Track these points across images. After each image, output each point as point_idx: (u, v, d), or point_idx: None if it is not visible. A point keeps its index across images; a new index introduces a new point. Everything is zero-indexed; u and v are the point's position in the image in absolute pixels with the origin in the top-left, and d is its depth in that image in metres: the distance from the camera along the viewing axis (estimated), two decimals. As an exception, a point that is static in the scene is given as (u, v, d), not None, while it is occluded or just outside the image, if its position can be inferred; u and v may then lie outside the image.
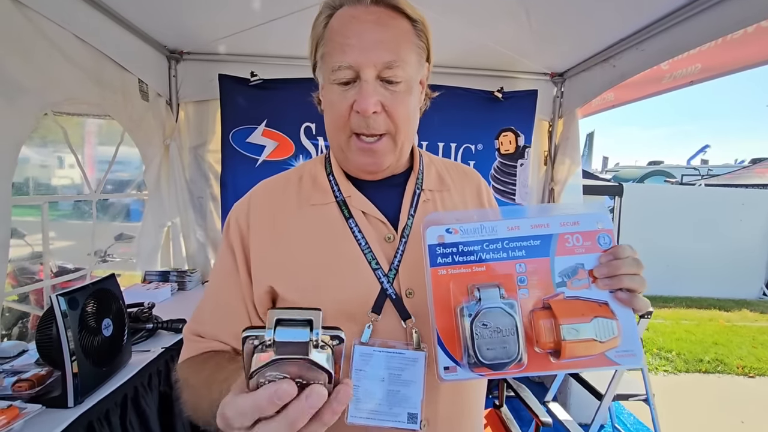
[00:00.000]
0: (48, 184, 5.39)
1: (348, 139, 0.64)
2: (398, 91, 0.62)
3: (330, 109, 0.65)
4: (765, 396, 3.42)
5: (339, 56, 0.60)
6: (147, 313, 1.70)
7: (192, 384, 0.63)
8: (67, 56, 1.72)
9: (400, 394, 0.61)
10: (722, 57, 1.74)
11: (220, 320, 0.69)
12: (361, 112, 0.60)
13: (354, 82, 0.61)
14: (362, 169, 0.68)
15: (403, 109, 0.64)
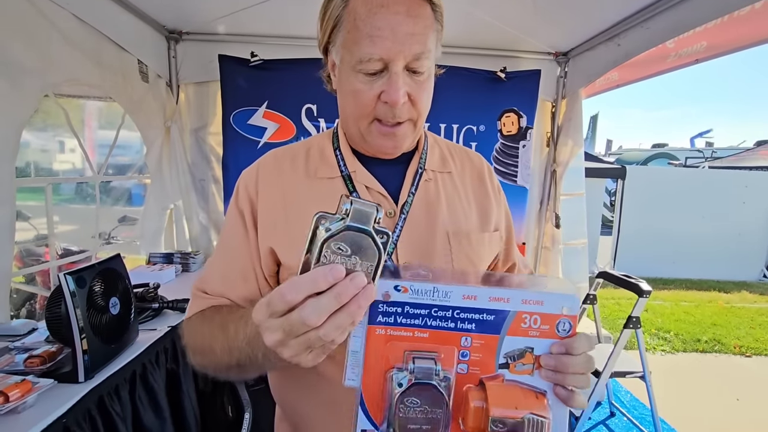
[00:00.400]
0: (49, 168, 5.41)
1: (369, 125, 0.65)
2: (422, 80, 0.64)
3: (352, 97, 0.64)
4: (761, 375, 3.48)
5: (369, 47, 0.59)
6: (153, 293, 1.73)
7: (203, 331, 0.65)
8: (66, 37, 1.71)
9: None
10: (728, 34, 1.71)
11: (229, 281, 0.70)
12: (391, 103, 0.61)
13: (381, 72, 0.61)
14: (381, 152, 0.69)
15: (426, 97, 0.66)
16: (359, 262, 0.42)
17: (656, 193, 7.08)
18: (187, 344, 0.68)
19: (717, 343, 4.02)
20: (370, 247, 0.42)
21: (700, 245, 6.93)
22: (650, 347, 3.89)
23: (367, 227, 0.41)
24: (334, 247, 0.41)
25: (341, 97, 0.69)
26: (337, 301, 0.39)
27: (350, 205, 0.41)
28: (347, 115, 0.68)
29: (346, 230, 0.41)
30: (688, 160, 13.45)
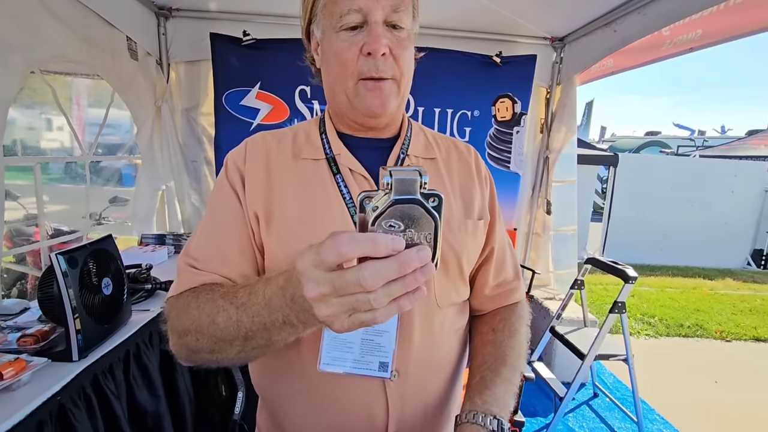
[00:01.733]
0: (37, 147, 5.29)
1: (355, 86, 0.65)
2: (402, 38, 0.65)
3: (336, 58, 0.65)
4: (739, 359, 3.60)
5: (346, 2, 0.62)
6: (145, 275, 1.73)
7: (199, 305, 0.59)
8: (53, 12, 1.66)
9: (374, 342, 0.64)
10: (724, 22, 1.71)
11: (225, 256, 0.66)
12: (373, 53, 0.62)
13: (361, 27, 0.63)
14: (368, 113, 0.67)
15: (407, 55, 0.67)
16: (416, 234, 0.39)
17: (647, 181, 7.16)
18: (173, 326, 0.62)
19: (699, 328, 4.14)
20: (423, 216, 0.39)
21: (687, 233, 7.06)
22: (635, 331, 3.99)
23: (414, 196, 0.38)
24: (385, 226, 0.38)
25: (326, 67, 0.70)
26: (399, 270, 0.36)
27: (390, 177, 0.38)
28: (334, 81, 0.68)
29: (393, 205, 0.38)
30: (680, 149, 13.56)
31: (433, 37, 2.63)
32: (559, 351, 2.72)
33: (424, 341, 0.68)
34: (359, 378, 0.64)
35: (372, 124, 0.71)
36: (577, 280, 2.52)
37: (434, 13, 2.41)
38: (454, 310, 0.74)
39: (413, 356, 0.67)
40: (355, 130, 0.73)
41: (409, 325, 0.66)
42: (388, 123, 0.73)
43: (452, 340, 0.74)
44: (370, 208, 0.38)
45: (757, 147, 8.95)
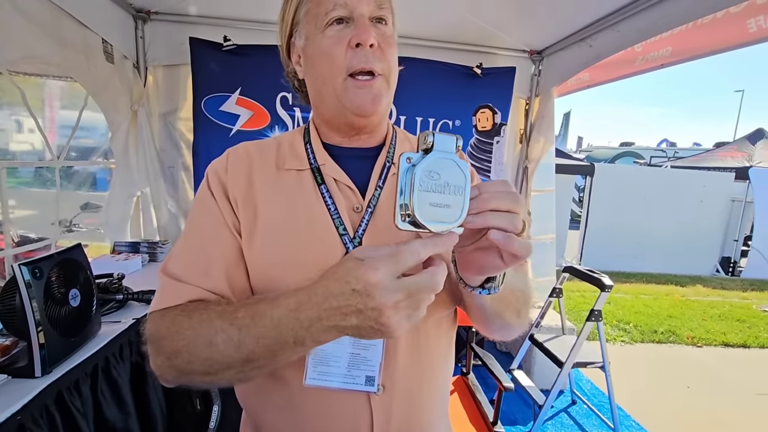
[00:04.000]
0: (5, 150, 5.07)
1: (344, 82, 0.65)
2: (388, 34, 0.67)
3: (323, 55, 0.65)
4: (709, 364, 3.71)
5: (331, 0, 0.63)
6: (117, 284, 1.67)
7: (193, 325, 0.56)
8: (21, 10, 1.60)
9: (360, 356, 0.63)
10: (692, 41, 1.78)
11: (213, 270, 0.63)
12: (363, 43, 0.62)
13: (347, 22, 0.64)
14: (359, 112, 0.66)
15: (393, 52, 0.67)
16: (450, 185, 0.44)
17: (622, 190, 7.38)
18: (160, 346, 0.57)
19: (672, 334, 4.26)
20: (457, 171, 0.45)
21: (660, 241, 7.30)
22: (611, 338, 4.07)
23: (452, 154, 0.45)
24: (426, 173, 0.44)
25: (312, 71, 0.69)
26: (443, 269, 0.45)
27: (433, 136, 0.45)
28: (321, 82, 0.67)
29: (434, 158, 0.44)
30: (653, 159, 14.04)
31: (416, 47, 2.65)
32: (539, 359, 2.74)
33: (411, 354, 0.67)
34: (345, 392, 0.63)
35: (362, 124, 0.70)
36: (555, 288, 2.56)
37: (417, 24, 2.44)
38: (441, 321, 0.73)
39: (399, 369, 0.66)
40: (342, 137, 0.72)
41: (394, 338, 0.65)
42: (377, 124, 0.73)
43: (439, 351, 0.73)
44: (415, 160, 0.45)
45: (724, 159, 9.33)
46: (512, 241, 0.45)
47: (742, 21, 1.51)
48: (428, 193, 0.44)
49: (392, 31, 0.68)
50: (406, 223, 0.45)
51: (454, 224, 0.45)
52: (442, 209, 0.44)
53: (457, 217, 0.44)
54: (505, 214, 0.46)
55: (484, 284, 0.54)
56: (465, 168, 0.45)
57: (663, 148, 17.38)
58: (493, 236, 0.45)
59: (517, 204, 0.46)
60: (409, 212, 0.44)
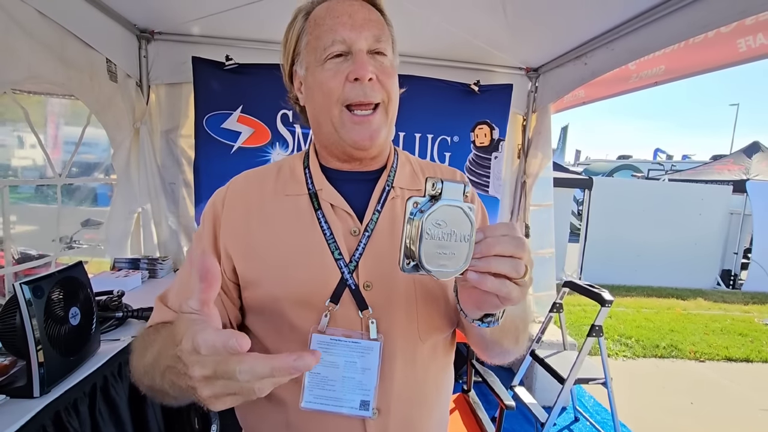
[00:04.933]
0: (7, 165, 5.09)
1: (340, 114, 0.66)
2: (386, 65, 0.67)
3: (321, 87, 0.66)
4: (713, 379, 3.67)
5: (330, 34, 0.65)
6: (116, 302, 1.67)
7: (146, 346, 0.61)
8: (27, 32, 1.63)
9: (355, 381, 0.63)
10: (685, 60, 1.82)
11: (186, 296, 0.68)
12: (361, 78, 0.63)
13: (346, 56, 0.65)
14: (356, 146, 0.67)
15: (393, 82, 0.68)
16: (456, 234, 0.45)
17: (621, 203, 7.40)
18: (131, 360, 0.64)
19: (674, 349, 4.22)
20: (463, 219, 0.45)
21: (660, 254, 7.28)
22: (612, 353, 4.04)
23: (460, 201, 0.46)
24: (433, 223, 0.45)
25: (311, 100, 0.70)
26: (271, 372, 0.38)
27: (442, 184, 0.45)
28: (320, 112, 0.69)
29: (442, 207, 0.45)
30: (650, 172, 14.12)
31: (414, 65, 2.70)
32: (540, 375, 2.72)
33: (407, 377, 0.67)
34: (340, 416, 0.64)
35: (361, 156, 0.71)
36: (556, 303, 2.55)
37: (415, 43, 2.49)
38: (438, 344, 0.72)
39: (395, 393, 0.66)
40: (343, 161, 0.73)
41: (390, 361, 0.65)
42: (377, 154, 0.73)
43: (436, 375, 0.72)
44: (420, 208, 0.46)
45: (721, 172, 9.39)
46: (506, 288, 0.46)
47: (732, 41, 1.55)
48: (434, 241, 0.45)
49: (391, 61, 0.69)
50: (411, 267, 0.47)
51: (457, 272, 0.46)
52: (447, 256, 0.45)
53: (461, 264, 0.45)
54: (508, 260, 0.46)
55: (484, 318, 0.54)
56: (472, 216, 0.45)
57: (661, 161, 17.49)
58: (490, 284, 0.46)
59: (520, 249, 0.46)
60: (414, 257, 0.46)
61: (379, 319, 0.65)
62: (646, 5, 1.81)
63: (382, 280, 0.67)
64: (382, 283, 0.67)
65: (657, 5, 1.78)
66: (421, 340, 0.68)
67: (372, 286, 0.67)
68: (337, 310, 0.65)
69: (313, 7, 0.70)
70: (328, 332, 0.64)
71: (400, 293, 0.67)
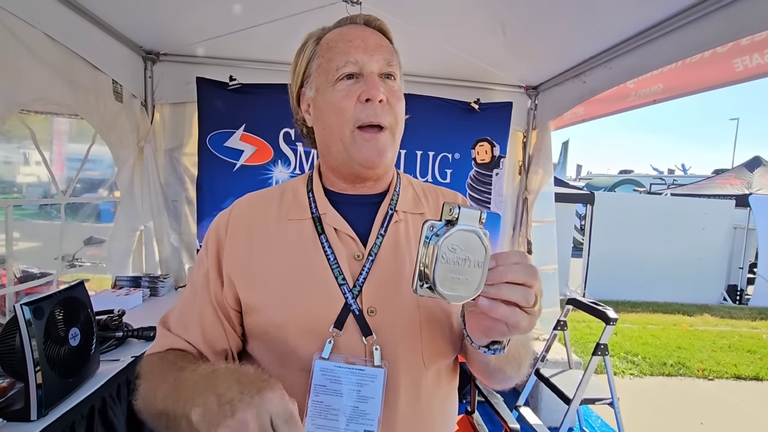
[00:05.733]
0: (12, 182, 5.12)
1: (352, 134, 0.66)
2: (396, 89, 0.69)
3: (332, 107, 0.67)
4: (722, 398, 3.60)
5: (343, 56, 0.66)
6: (117, 321, 1.66)
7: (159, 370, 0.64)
8: (36, 55, 1.67)
9: (358, 410, 0.62)
10: (683, 79, 1.84)
11: (187, 323, 0.70)
12: (372, 98, 0.65)
13: (357, 78, 0.67)
14: (366, 164, 0.68)
15: (401, 106, 0.70)
16: (470, 259, 0.46)
17: (623, 218, 7.38)
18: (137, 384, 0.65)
19: (682, 367, 4.15)
20: (478, 245, 0.46)
21: (664, 269, 7.22)
22: (619, 371, 3.97)
23: (475, 227, 0.46)
24: (449, 246, 0.45)
25: (320, 121, 0.71)
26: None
27: (459, 210, 0.46)
28: (329, 133, 0.69)
29: (458, 232, 0.46)
30: (653, 187, 14.12)
31: (415, 84, 2.74)
32: (545, 394, 2.67)
33: (411, 406, 0.66)
34: None
35: (368, 175, 0.71)
36: (560, 321, 2.52)
37: (416, 62, 2.53)
38: (442, 370, 0.71)
39: (399, 422, 0.64)
40: (347, 184, 0.73)
41: (394, 389, 0.64)
42: (383, 174, 0.74)
43: (440, 403, 0.71)
44: (436, 232, 0.47)
45: (723, 186, 9.38)
46: (515, 317, 0.46)
47: (729, 60, 1.57)
48: (449, 265, 0.45)
49: (400, 85, 0.71)
50: (424, 290, 0.47)
51: (469, 297, 0.46)
52: (461, 281, 0.46)
53: (474, 289, 0.46)
54: (519, 288, 0.46)
55: (490, 345, 0.54)
56: (487, 242, 0.46)
57: (663, 175, 17.51)
58: (500, 312, 0.46)
59: (532, 277, 0.47)
60: (428, 281, 0.46)
61: (383, 345, 0.64)
62: (642, 26, 1.85)
63: (386, 305, 0.66)
64: (386, 308, 0.66)
65: (653, 26, 1.81)
66: (426, 367, 0.67)
67: (376, 312, 0.66)
68: (340, 336, 0.64)
69: (324, 33, 0.72)
70: (331, 359, 0.63)
71: (404, 318, 0.66)
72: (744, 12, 1.48)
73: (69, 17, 1.83)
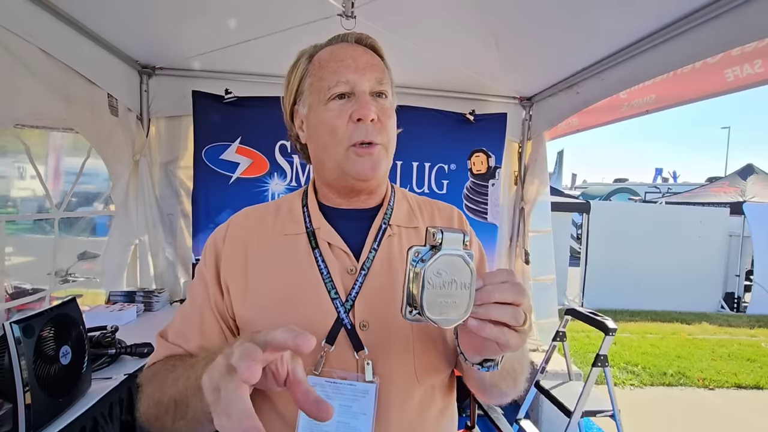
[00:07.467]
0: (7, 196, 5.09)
1: (346, 152, 0.67)
2: (387, 107, 0.70)
3: (325, 126, 0.68)
4: (723, 408, 3.57)
5: (335, 76, 0.67)
6: (110, 338, 1.63)
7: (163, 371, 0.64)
8: (31, 70, 1.67)
9: (350, 426, 0.61)
10: (674, 89, 1.86)
11: (186, 331, 0.70)
12: (363, 118, 0.65)
13: (349, 97, 0.67)
14: (359, 176, 0.68)
15: (392, 123, 0.71)
16: (456, 282, 0.46)
17: (619, 227, 7.41)
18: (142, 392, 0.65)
19: (682, 376, 4.12)
20: (463, 267, 0.46)
21: (662, 278, 7.23)
22: (619, 381, 3.94)
23: (459, 251, 0.47)
24: (435, 271, 0.46)
25: (314, 139, 0.72)
26: None
27: (442, 234, 0.47)
28: (323, 150, 0.70)
29: (442, 256, 0.46)
30: (647, 195, 14.23)
31: (411, 95, 2.76)
32: (546, 407, 2.63)
33: (403, 421, 0.64)
34: None
35: (362, 188, 0.72)
36: (559, 332, 2.51)
37: (410, 74, 2.55)
38: (436, 385, 0.70)
39: None
40: (342, 198, 0.74)
41: (386, 404, 0.63)
42: (376, 187, 0.74)
43: (436, 419, 0.69)
44: (421, 258, 0.47)
45: (717, 194, 9.46)
46: (505, 336, 0.46)
47: (720, 71, 1.59)
48: (436, 290, 0.46)
49: (392, 102, 0.71)
50: (414, 315, 0.48)
51: (459, 320, 0.46)
52: (449, 305, 0.46)
53: (463, 312, 0.46)
54: (507, 308, 0.46)
55: (484, 363, 0.54)
56: (471, 264, 0.46)
57: (657, 183, 17.66)
58: (489, 332, 0.46)
59: (520, 296, 0.47)
60: (416, 306, 0.47)
61: (375, 360, 0.64)
62: (634, 37, 1.87)
63: (379, 319, 0.66)
64: (378, 322, 0.66)
65: (645, 37, 1.84)
66: (419, 382, 0.66)
67: (368, 326, 0.65)
68: (332, 351, 0.64)
69: (316, 50, 0.72)
70: (323, 374, 0.63)
71: (397, 333, 0.65)
72: (733, 24, 1.50)
73: (64, 32, 1.83)
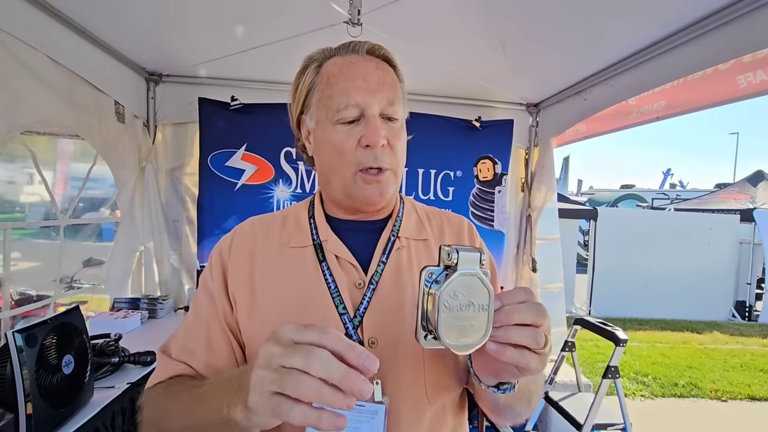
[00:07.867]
0: (15, 201, 5.13)
1: (353, 176, 0.65)
2: (397, 128, 0.67)
3: (333, 148, 0.65)
4: (736, 420, 3.48)
5: (344, 97, 0.63)
6: (113, 346, 1.61)
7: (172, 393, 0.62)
8: (39, 78, 1.68)
9: None
10: (685, 96, 1.83)
11: (192, 348, 0.68)
12: (372, 145, 0.63)
13: (358, 120, 0.64)
14: (367, 201, 0.67)
15: (401, 145, 0.68)
16: (474, 304, 0.44)
17: (627, 234, 7.32)
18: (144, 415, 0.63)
19: (694, 387, 4.04)
20: (480, 287, 0.44)
21: (671, 285, 7.12)
22: (629, 392, 3.86)
23: (476, 270, 0.44)
24: (451, 293, 0.43)
25: (321, 156, 0.70)
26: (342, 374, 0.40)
27: (457, 254, 0.44)
28: (330, 170, 0.68)
29: (459, 277, 0.44)
30: (655, 202, 14.09)
31: (417, 102, 2.75)
32: (555, 419, 2.58)
33: None
34: None
35: (368, 210, 0.71)
36: (568, 342, 2.46)
37: (417, 80, 2.55)
38: (447, 405, 0.67)
39: None
40: (349, 213, 0.72)
41: (396, 425, 0.61)
42: (385, 206, 0.73)
43: None
44: (436, 279, 0.45)
45: (727, 200, 9.34)
46: (525, 359, 0.44)
47: (732, 77, 1.56)
48: (453, 313, 0.43)
49: (402, 123, 0.69)
50: (429, 341, 0.45)
51: (478, 344, 0.44)
52: (467, 328, 0.44)
53: (481, 335, 0.44)
54: (528, 330, 0.44)
55: (500, 385, 0.52)
56: (489, 284, 0.44)
57: (665, 190, 17.50)
58: (509, 356, 0.44)
59: (540, 316, 0.45)
60: (431, 330, 0.44)
61: (385, 379, 0.61)
62: (642, 44, 1.85)
63: (388, 336, 0.63)
64: (387, 339, 0.63)
65: (653, 43, 1.81)
66: (430, 402, 0.64)
67: (377, 343, 0.63)
68: None
69: (325, 58, 0.68)
70: None
71: (407, 351, 0.63)
72: (743, 30, 1.48)
73: (72, 40, 1.84)
